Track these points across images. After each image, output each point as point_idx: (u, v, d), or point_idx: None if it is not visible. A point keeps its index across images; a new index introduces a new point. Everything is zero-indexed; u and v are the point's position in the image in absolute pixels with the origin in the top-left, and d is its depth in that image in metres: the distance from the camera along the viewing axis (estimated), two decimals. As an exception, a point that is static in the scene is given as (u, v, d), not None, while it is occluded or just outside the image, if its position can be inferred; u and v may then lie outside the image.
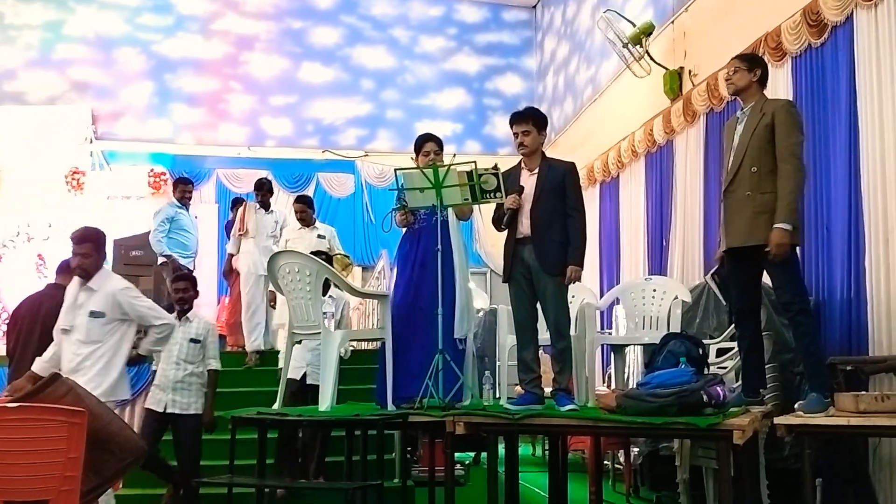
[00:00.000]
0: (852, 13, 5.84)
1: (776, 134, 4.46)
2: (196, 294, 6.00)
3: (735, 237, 4.58)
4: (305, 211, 8.05)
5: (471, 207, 5.22)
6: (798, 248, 4.67)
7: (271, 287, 7.23)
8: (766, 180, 4.46)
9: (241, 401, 6.12)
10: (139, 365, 6.88)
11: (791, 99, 6.53)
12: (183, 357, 5.70)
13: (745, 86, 4.70)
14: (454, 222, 5.19)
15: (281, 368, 5.86)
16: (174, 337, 5.43)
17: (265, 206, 8.51)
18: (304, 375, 6.18)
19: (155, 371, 6.03)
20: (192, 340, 5.74)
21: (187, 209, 8.72)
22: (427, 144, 5.31)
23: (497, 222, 4.96)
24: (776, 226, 4.34)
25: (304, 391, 6.11)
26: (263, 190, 8.56)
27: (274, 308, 8.04)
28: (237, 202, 9.33)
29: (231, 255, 8.70)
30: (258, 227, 8.38)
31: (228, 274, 9.01)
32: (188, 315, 5.80)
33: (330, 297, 6.35)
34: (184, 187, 8.77)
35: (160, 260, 8.43)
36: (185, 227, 8.57)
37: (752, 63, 4.76)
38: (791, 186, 4.39)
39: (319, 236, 7.95)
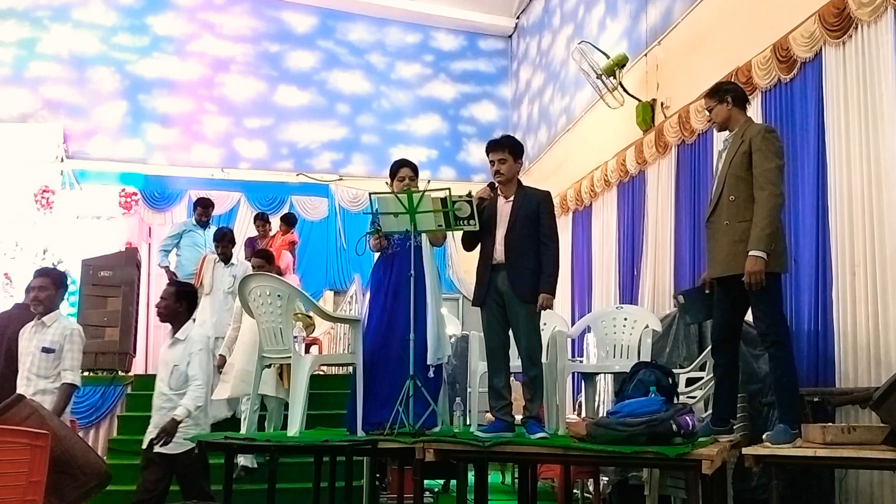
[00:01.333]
0: (821, 50, 5.97)
1: (753, 161, 4.44)
2: (57, 293, 5.17)
3: (715, 267, 4.62)
4: (263, 266, 6.80)
5: (444, 234, 5.22)
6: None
7: (222, 350, 6.73)
8: (744, 208, 4.44)
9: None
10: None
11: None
12: (35, 371, 4.98)
13: (724, 118, 4.72)
14: (427, 248, 5.19)
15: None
16: (27, 347, 5.00)
17: (225, 258, 7.73)
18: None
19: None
20: (45, 350, 4.98)
21: (204, 229, 8.67)
22: (402, 170, 5.32)
23: (465, 242, 4.99)
24: (749, 253, 4.32)
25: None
26: (224, 241, 7.75)
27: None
28: (260, 219, 9.39)
29: None
30: (214, 283, 7.61)
31: None
32: (44, 319, 5.05)
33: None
34: (201, 210, 8.74)
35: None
36: (197, 244, 8.56)
37: (719, 94, 4.76)
38: (764, 213, 4.34)
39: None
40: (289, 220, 9.75)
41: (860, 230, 5.45)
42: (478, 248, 4.99)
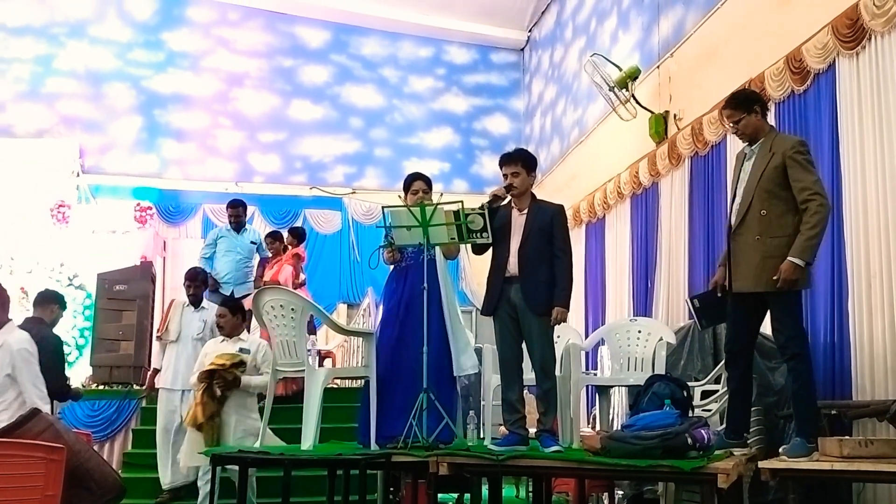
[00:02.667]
0: (835, 61, 5.95)
1: (791, 176, 4.31)
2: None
3: (744, 282, 4.43)
4: (225, 316, 6.00)
5: (458, 246, 5.22)
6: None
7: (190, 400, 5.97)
8: (777, 224, 4.33)
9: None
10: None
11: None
12: None
13: (755, 128, 4.53)
14: (441, 261, 5.19)
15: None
16: None
17: (195, 301, 6.91)
18: None
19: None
20: None
21: (239, 232, 8.54)
22: (416, 183, 5.34)
23: (475, 246, 4.97)
24: (790, 258, 4.20)
25: None
26: (197, 281, 6.95)
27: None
28: (271, 237, 8.83)
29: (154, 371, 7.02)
30: (182, 329, 6.76)
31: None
32: None
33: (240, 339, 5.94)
34: (231, 211, 8.61)
35: None
36: (232, 249, 8.41)
37: (748, 104, 4.57)
38: (815, 221, 4.22)
39: (242, 350, 5.84)
40: (295, 234, 9.34)
41: (876, 241, 5.42)
42: (488, 253, 4.99)
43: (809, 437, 4.23)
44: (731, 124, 4.64)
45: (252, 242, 8.70)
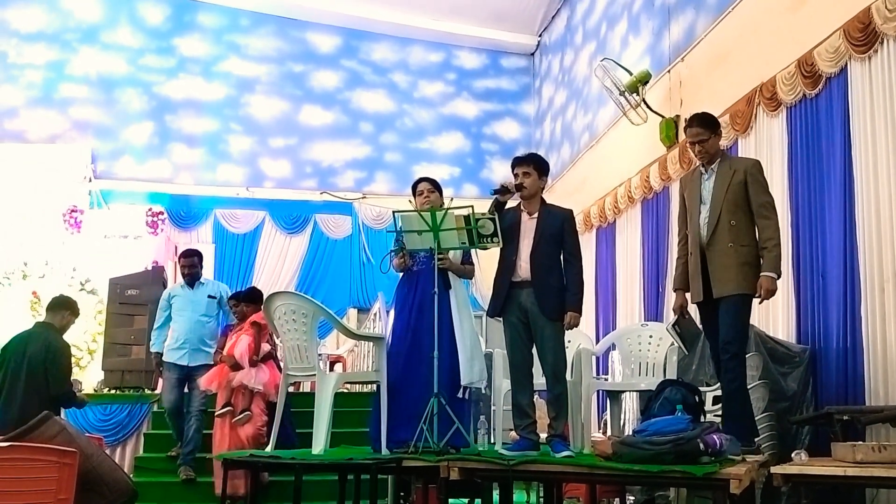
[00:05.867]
0: (846, 65, 5.93)
1: (751, 191, 4.76)
2: None
3: (725, 286, 4.75)
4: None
5: (472, 268, 5.42)
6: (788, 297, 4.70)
7: None
8: (744, 234, 4.76)
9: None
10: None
11: (786, 149, 6.62)
12: None
13: (715, 149, 4.96)
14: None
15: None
16: None
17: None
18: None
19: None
20: None
21: (193, 286, 7.23)
22: (421, 184, 5.41)
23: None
24: (767, 274, 4.67)
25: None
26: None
27: None
28: (236, 299, 7.27)
29: None
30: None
31: None
32: None
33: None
34: (184, 261, 7.31)
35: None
36: (183, 308, 7.15)
37: (713, 125, 5.00)
38: (777, 239, 4.71)
39: None
40: (251, 298, 7.17)
41: (889, 246, 5.39)
42: (495, 256, 5.00)
43: (741, 436, 4.40)
44: (697, 143, 4.95)
45: (210, 297, 7.23)
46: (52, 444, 3.67)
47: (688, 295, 5.09)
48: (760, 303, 4.76)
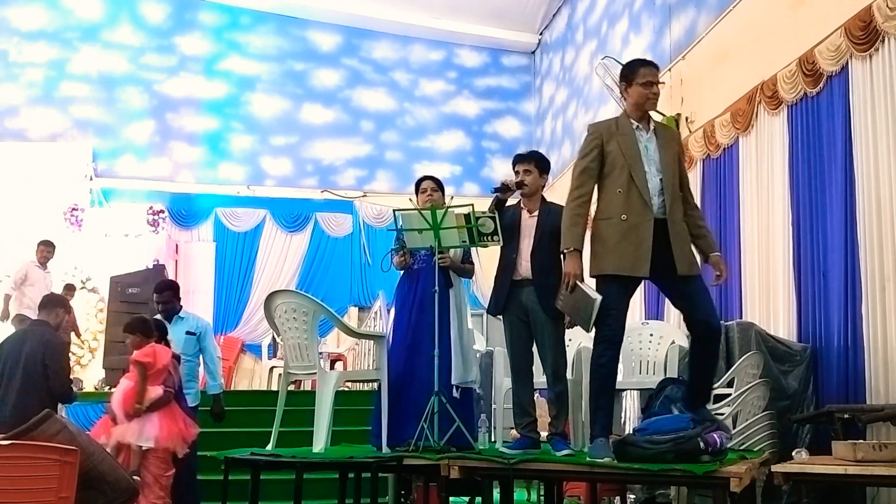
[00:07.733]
0: (847, 63, 5.92)
1: (682, 169, 4.49)
2: None
3: (692, 265, 4.28)
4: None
5: (473, 267, 5.36)
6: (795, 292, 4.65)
7: None
8: (684, 207, 4.37)
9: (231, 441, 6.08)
10: None
11: (786, 148, 6.62)
12: None
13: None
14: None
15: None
16: None
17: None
18: None
19: None
20: None
21: (171, 321, 6.21)
22: (424, 182, 5.40)
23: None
24: (718, 253, 4.49)
25: None
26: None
27: None
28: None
29: None
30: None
31: None
32: None
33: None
34: (158, 296, 6.35)
35: None
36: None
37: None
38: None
39: None
40: (133, 326, 5.44)
41: (890, 244, 5.38)
42: (496, 254, 5.00)
43: (604, 434, 4.21)
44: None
45: (189, 333, 6.32)
46: (54, 443, 3.67)
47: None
48: (720, 283, 4.56)
